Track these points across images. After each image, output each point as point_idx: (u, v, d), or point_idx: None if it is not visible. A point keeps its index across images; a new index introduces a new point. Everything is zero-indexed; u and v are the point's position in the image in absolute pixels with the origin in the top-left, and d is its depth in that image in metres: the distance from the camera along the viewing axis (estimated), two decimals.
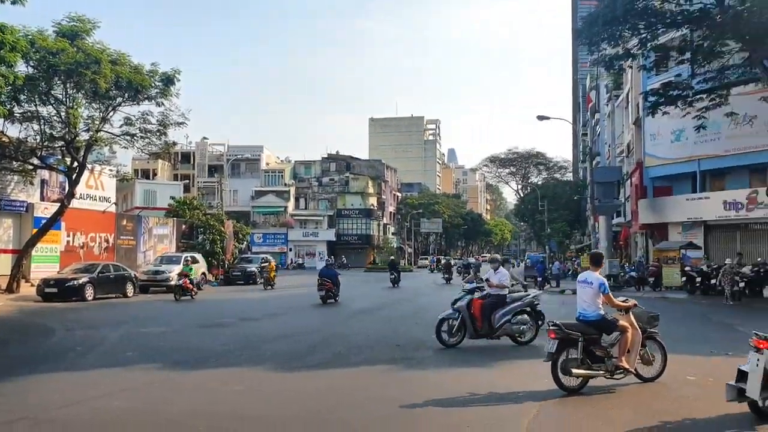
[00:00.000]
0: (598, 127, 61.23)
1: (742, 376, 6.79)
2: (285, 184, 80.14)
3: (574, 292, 25.67)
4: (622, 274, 32.29)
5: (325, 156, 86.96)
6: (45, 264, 28.67)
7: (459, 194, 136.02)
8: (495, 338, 12.17)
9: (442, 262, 56.28)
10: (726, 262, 23.55)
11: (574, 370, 8.05)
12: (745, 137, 28.73)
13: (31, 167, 27.46)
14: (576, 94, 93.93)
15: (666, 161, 33.67)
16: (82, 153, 26.77)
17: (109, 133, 27.34)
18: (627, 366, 8.22)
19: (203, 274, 33.37)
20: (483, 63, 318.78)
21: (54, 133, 26.10)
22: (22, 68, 23.01)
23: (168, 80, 26.39)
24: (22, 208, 29.04)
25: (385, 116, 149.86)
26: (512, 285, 16.34)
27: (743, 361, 7.04)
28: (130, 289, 26.24)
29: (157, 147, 29.60)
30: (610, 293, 8.35)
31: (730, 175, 31.30)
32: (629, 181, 40.36)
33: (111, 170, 35.90)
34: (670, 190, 34.46)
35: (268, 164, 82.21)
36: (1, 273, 26.90)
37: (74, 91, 25.19)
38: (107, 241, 33.09)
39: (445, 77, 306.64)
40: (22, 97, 24.44)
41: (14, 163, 27.11)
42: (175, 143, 32.65)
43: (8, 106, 23.07)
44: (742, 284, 22.81)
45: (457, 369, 10.06)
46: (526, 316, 12.38)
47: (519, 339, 12.24)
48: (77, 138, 26.11)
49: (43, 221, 27.71)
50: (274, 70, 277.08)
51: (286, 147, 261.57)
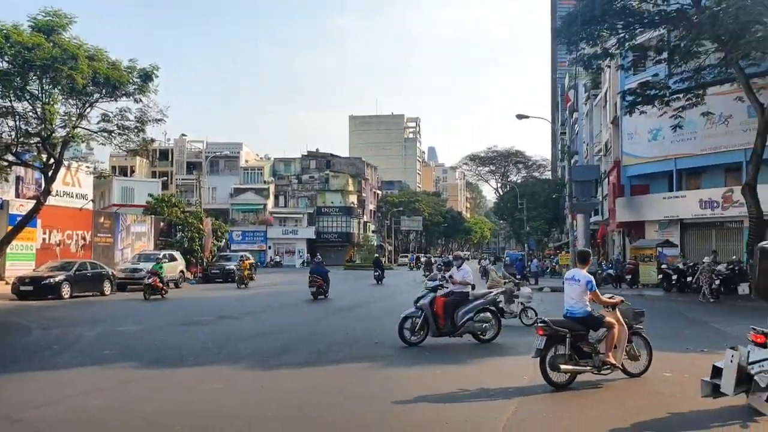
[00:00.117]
0: (576, 126, 61.72)
1: (716, 372, 6.88)
2: (264, 182, 79.73)
3: (552, 289, 25.75)
4: (599, 271, 32.53)
5: (305, 153, 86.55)
6: (20, 262, 28.33)
7: (439, 192, 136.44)
8: (457, 336, 12.08)
9: (422, 260, 56.37)
10: (704, 260, 23.83)
11: (562, 366, 8.17)
12: (721, 137, 29.10)
13: (6, 164, 27.07)
14: (555, 94, 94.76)
15: (643, 160, 34.01)
16: (58, 149, 26.42)
17: (86, 129, 27.04)
18: (614, 361, 8.37)
19: (182, 272, 33.22)
20: (463, 62, 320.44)
21: (29, 129, 25.72)
22: None
23: (146, 76, 26.15)
24: None
25: (366, 114, 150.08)
26: (506, 283, 16.43)
27: (718, 357, 7.14)
28: (107, 287, 26.00)
29: (135, 144, 29.31)
30: (597, 290, 8.48)
31: (706, 174, 31.68)
32: (607, 179, 40.71)
33: (88, 167, 35.48)
34: (647, 189, 34.82)
35: (247, 161, 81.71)
36: None
37: (50, 86, 24.82)
38: (84, 238, 32.74)
39: (425, 76, 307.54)
40: None
41: None
42: (153, 140, 32.38)
43: None
44: (717, 282, 23.12)
45: (435, 366, 10.08)
46: (488, 314, 12.32)
47: (481, 337, 12.19)
48: (53, 134, 25.77)
49: (19, 218, 27.36)
50: (254, 67, 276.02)
51: (266, 144, 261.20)
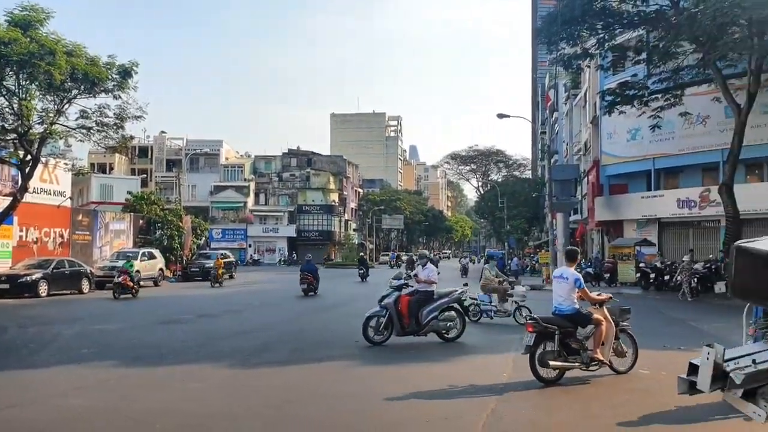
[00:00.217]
0: (556, 125, 62.12)
1: (693, 369, 6.94)
2: (245, 180, 79.32)
3: (532, 287, 25.77)
4: (578, 270, 32.78)
5: (286, 151, 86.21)
6: None
7: (420, 191, 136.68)
8: (422, 335, 12.01)
9: (404, 258, 56.41)
10: (684, 258, 24.08)
11: (551, 362, 8.27)
12: (698, 137, 29.44)
13: None
14: (535, 93, 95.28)
15: (622, 160, 34.32)
16: (35, 146, 26.06)
17: (64, 126, 26.70)
18: (601, 358, 8.49)
19: (161, 270, 33.01)
20: (445, 61, 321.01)
21: (6, 125, 25.33)
22: None
23: (125, 73, 25.88)
24: None
25: (347, 112, 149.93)
26: (500, 282, 16.44)
27: (695, 355, 7.23)
28: (85, 285, 25.73)
29: (114, 141, 29.00)
30: (585, 288, 8.64)
31: (684, 174, 32.03)
32: (586, 179, 41.03)
33: (66, 164, 35.04)
34: (625, 188, 35.13)
35: (227, 159, 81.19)
36: None
37: (27, 82, 24.48)
38: (62, 236, 32.33)
39: (407, 75, 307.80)
40: None
41: None
42: (132, 137, 32.00)
43: None
44: (695, 280, 23.37)
45: (415, 364, 10.12)
46: (453, 312, 12.33)
47: (445, 336, 12.15)
48: (30, 130, 25.42)
49: None
50: (235, 65, 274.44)
51: (246, 142, 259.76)
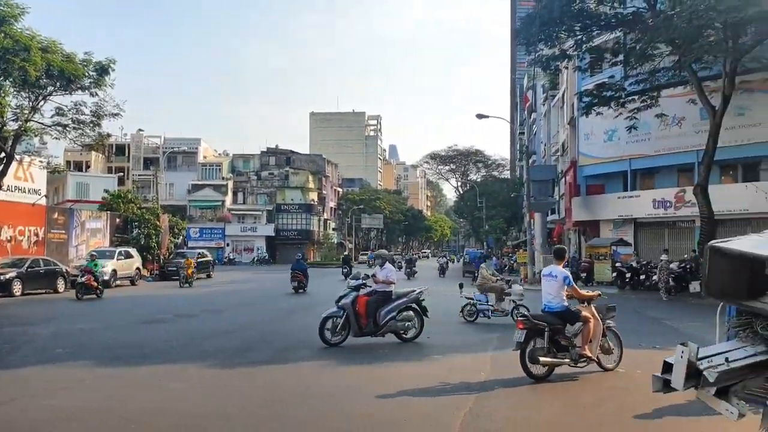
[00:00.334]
0: (534, 126, 62.49)
1: (667, 368, 7.04)
2: (223, 178, 78.74)
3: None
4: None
5: (265, 150, 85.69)
6: None
7: (400, 190, 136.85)
8: (379, 335, 11.95)
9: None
10: (662, 258, 24.35)
11: (542, 359, 8.41)
12: (674, 138, 29.77)
13: None
14: (514, 94, 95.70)
15: (599, 160, 34.62)
16: (10, 143, 25.76)
17: (39, 123, 26.43)
18: (590, 354, 8.64)
19: (138, 269, 32.73)
20: (425, 61, 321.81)
21: None
22: None
23: (102, 70, 25.67)
24: None
25: (327, 111, 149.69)
26: (496, 281, 16.47)
27: (669, 353, 7.33)
28: (61, 284, 25.46)
29: (90, 138, 28.76)
30: (574, 285, 8.78)
31: (660, 175, 32.37)
32: (563, 179, 41.30)
33: (41, 162, 34.62)
34: (602, 189, 35.43)
35: (205, 157, 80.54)
36: None
37: (1, 78, 24.16)
38: (37, 234, 31.89)
39: (387, 74, 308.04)
40: None
41: None
42: (109, 135, 31.80)
43: None
44: (671, 280, 23.62)
45: (395, 364, 10.17)
46: (411, 312, 12.27)
47: (404, 336, 12.12)
48: (5, 127, 25.12)
49: None
50: (213, 63, 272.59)
51: (225, 140, 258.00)
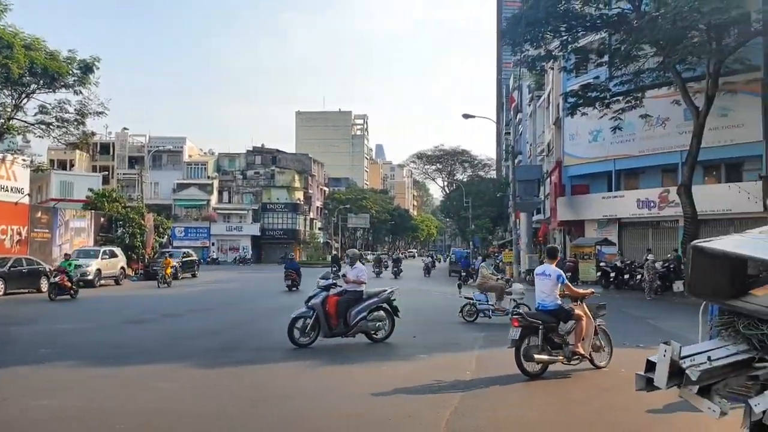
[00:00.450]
0: (520, 126, 62.76)
1: (650, 366, 7.11)
2: (208, 177, 78.29)
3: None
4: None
5: (251, 149, 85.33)
6: None
7: (386, 190, 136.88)
8: (350, 336, 11.80)
9: (370, 258, 56.53)
10: (648, 257, 24.52)
11: (536, 356, 8.51)
12: (658, 138, 29.99)
13: None
14: (500, 94, 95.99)
15: (584, 161, 34.81)
16: None
17: (22, 121, 26.21)
18: (582, 352, 8.78)
19: (122, 268, 32.52)
20: (412, 61, 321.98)
21: None
22: None
23: (86, 68, 25.52)
24: None
25: (313, 110, 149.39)
26: (497, 280, 16.45)
27: (653, 352, 7.40)
28: (44, 284, 25.19)
29: (74, 137, 28.60)
30: (568, 283, 8.91)
31: (644, 175, 32.60)
32: (549, 179, 41.52)
33: (24, 160, 34.32)
34: (587, 189, 35.62)
35: (190, 156, 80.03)
36: None
37: None
38: (20, 233, 31.62)
39: (373, 74, 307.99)
40: None
41: None
42: (93, 133, 31.61)
43: None
44: (656, 278, 23.81)
45: (381, 363, 10.19)
46: (382, 312, 12.13)
47: (374, 336, 12.00)
48: None
49: None
50: (199, 62, 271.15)
51: (210, 139, 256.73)
